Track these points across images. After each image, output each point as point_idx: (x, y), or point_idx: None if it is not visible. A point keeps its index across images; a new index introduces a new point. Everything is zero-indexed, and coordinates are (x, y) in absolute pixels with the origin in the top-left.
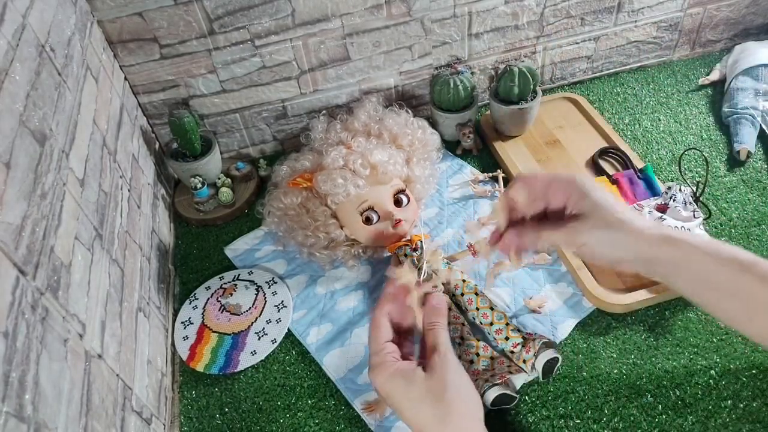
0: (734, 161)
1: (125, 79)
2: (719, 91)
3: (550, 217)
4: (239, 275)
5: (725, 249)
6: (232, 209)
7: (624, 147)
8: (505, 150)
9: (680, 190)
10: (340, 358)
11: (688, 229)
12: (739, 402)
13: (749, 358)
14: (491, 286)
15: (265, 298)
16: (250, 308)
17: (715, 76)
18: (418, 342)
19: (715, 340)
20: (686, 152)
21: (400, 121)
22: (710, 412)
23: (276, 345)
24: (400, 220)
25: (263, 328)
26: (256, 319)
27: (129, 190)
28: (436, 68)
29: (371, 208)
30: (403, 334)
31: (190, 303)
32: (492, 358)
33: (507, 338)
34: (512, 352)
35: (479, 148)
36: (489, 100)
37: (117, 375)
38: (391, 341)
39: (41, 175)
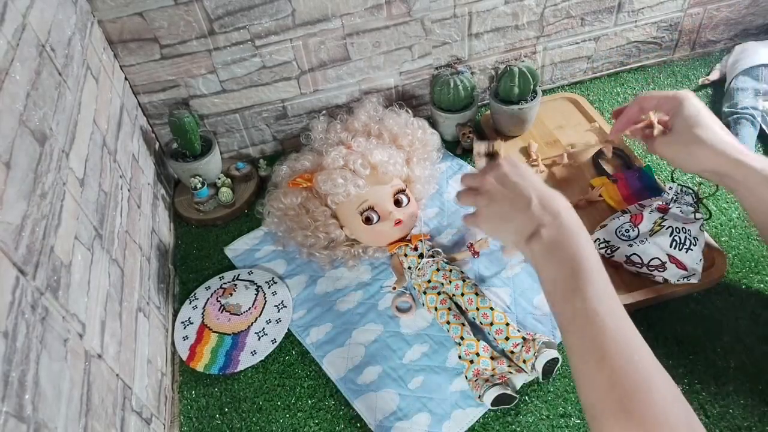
0: None
1: (125, 79)
2: (719, 91)
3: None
4: (239, 275)
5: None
6: (232, 209)
7: (624, 147)
8: (505, 150)
9: (681, 190)
10: (340, 358)
11: (689, 230)
12: (739, 402)
13: (749, 358)
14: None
15: (265, 298)
16: (250, 308)
17: (715, 76)
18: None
19: (715, 339)
20: None
21: (400, 121)
22: (710, 413)
23: (276, 345)
24: (400, 220)
25: (263, 328)
26: (256, 319)
27: (129, 190)
28: (436, 68)
29: (371, 208)
30: None
31: (190, 303)
32: (492, 358)
33: (507, 338)
34: (512, 352)
35: None
36: (489, 100)
37: (117, 375)
38: None
39: (41, 175)
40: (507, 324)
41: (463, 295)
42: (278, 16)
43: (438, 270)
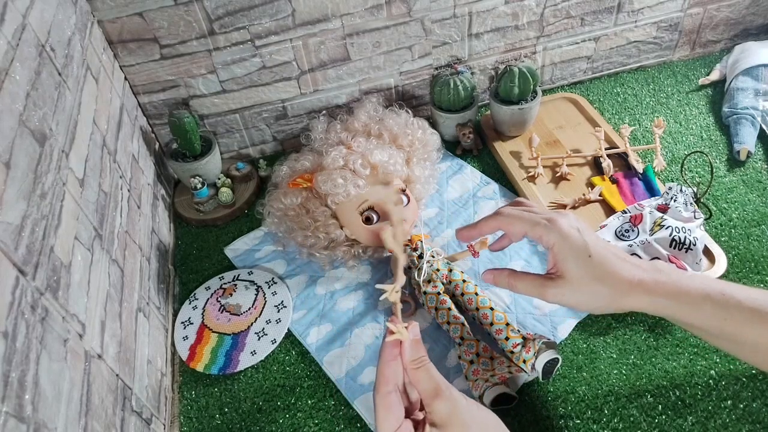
0: (734, 161)
1: (125, 79)
2: (719, 91)
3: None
4: (239, 275)
5: (695, 287)
6: (232, 209)
7: (624, 147)
8: (505, 150)
9: (681, 190)
10: (340, 358)
11: (689, 230)
12: (739, 402)
13: None
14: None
15: (265, 298)
16: (250, 308)
17: (715, 76)
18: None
19: None
20: (690, 155)
21: (400, 122)
22: (710, 413)
23: (276, 345)
24: None
25: (263, 329)
26: (256, 319)
27: (129, 191)
28: (436, 68)
29: (371, 208)
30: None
31: (189, 303)
32: (492, 358)
33: (507, 338)
34: (512, 352)
35: (479, 148)
36: (489, 100)
37: (117, 375)
38: (405, 416)
39: (41, 175)
40: (507, 324)
41: (463, 295)
42: (278, 16)
43: (438, 270)
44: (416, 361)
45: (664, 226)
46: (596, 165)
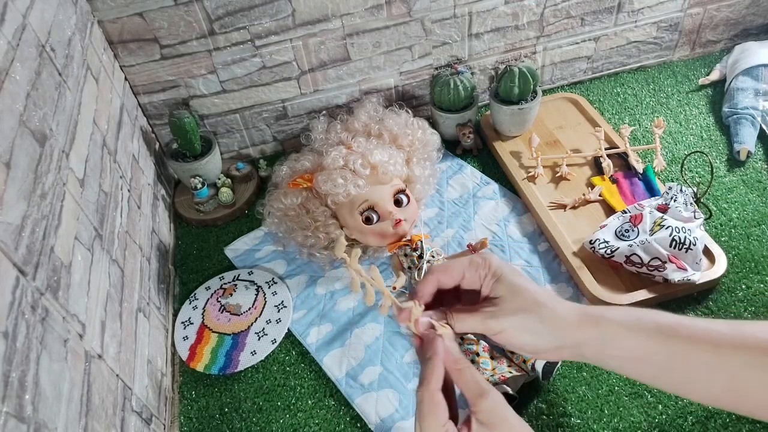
0: (734, 161)
1: (125, 79)
2: (719, 91)
3: (464, 297)
4: (239, 275)
5: (646, 318)
6: (232, 209)
7: (624, 147)
8: (505, 150)
9: (681, 190)
10: (340, 358)
11: (689, 230)
12: None
13: None
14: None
15: (265, 298)
16: (250, 308)
17: (715, 76)
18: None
19: None
20: (690, 155)
21: (400, 122)
22: (710, 412)
23: (276, 345)
24: (400, 220)
25: (263, 329)
26: (256, 319)
27: (129, 191)
28: (436, 68)
29: (371, 208)
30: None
31: (190, 303)
32: (492, 358)
33: None
34: (512, 352)
35: (479, 148)
36: (489, 100)
37: (117, 375)
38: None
39: (41, 175)
40: None
41: None
42: (278, 17)
43: None
44: (460, 361)
45: (664, 226)
46: (596, 165)
